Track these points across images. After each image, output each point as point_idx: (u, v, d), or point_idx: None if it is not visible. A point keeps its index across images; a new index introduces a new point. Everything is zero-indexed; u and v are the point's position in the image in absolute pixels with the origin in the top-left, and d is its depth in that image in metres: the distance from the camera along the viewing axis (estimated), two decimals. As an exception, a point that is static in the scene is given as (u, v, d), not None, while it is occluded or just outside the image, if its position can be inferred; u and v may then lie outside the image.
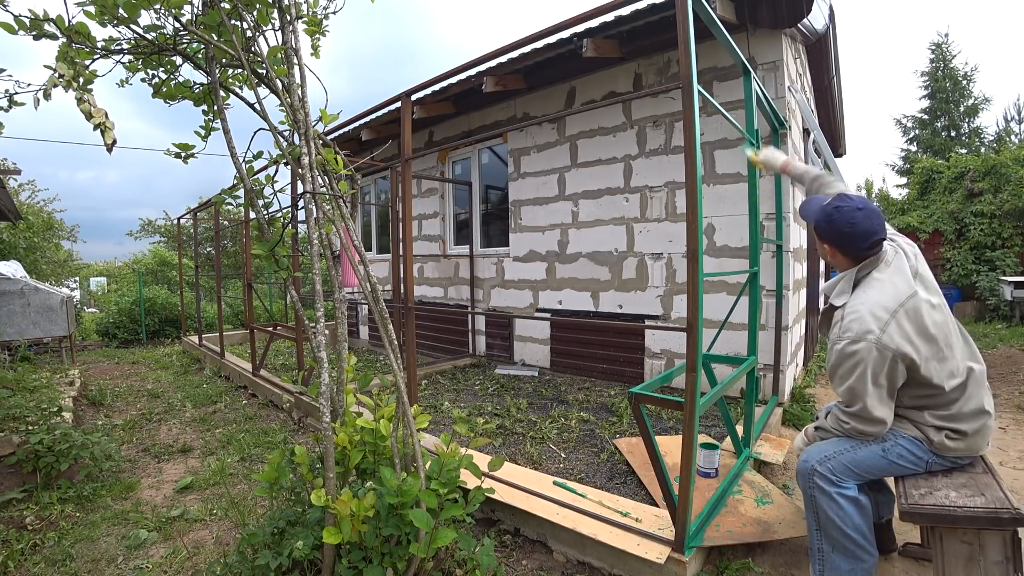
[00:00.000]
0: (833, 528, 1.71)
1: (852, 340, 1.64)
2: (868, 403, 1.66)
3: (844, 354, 1.66)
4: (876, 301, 1.67)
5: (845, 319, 1.70)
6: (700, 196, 1.77)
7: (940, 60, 18.13)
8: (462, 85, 4.82)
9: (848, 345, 1.65)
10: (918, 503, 1.58)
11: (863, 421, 1.70)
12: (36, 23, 1.44)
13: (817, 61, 5.39)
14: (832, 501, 1.70)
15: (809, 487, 1.76)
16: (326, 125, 1.84)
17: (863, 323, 1.64)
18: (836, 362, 1.70)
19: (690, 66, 1.71)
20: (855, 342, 1.64)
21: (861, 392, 1.65)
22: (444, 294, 6.57)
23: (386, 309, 1.80)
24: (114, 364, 7.25)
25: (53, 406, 3.46)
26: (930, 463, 1.72)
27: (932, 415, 1.69)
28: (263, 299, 10.80)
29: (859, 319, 1.65)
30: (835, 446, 1.78)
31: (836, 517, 1.69)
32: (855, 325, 1.65)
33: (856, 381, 1.65)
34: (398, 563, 1.63)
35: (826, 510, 1.72)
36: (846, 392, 1.69)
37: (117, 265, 16.35)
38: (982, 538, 1.51)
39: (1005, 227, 8.75)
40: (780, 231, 3.38)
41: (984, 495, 1.55)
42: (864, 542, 1.69)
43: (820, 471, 1.73)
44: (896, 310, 1.65)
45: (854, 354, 1.64)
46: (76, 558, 2.27)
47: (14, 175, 8.70)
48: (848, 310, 1.72)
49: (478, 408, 4.02)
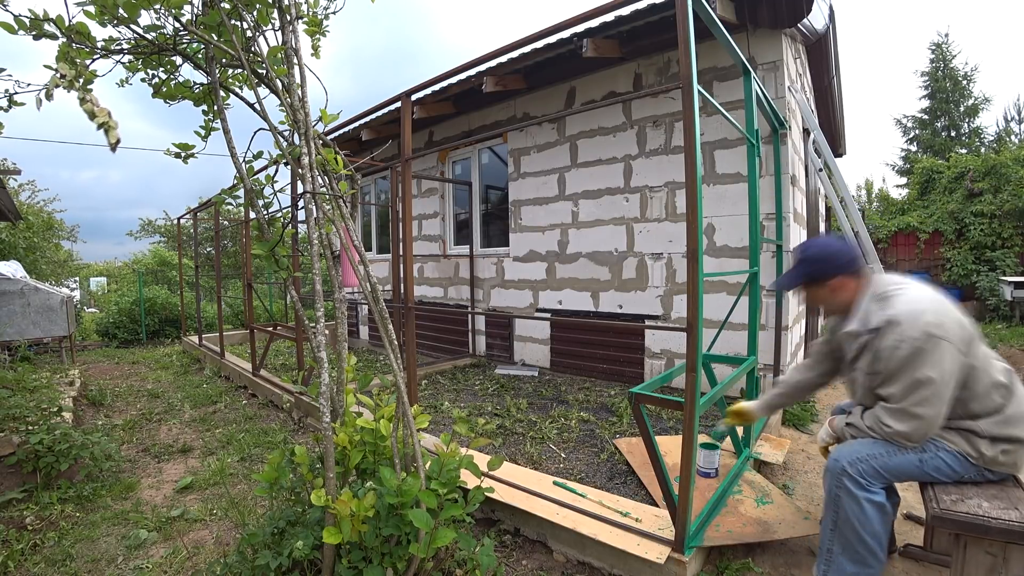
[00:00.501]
0: (850, 531, 1.67)
1: (924, 336, 1.55)
2: (935, 409, 1.57)
3: (911, 354, 1.57)
4: (921, 300, 1.63)
5: (902, 324, 1.60)
6: (700, 196, 1.77)
7: (940, 60, 18.13)
8: (462, 85, 4.82)
9: (921, 342, 1.56)
10: (950, 509, 1.57)
11: (915, 424, 1.60)
12: (36, 23, 1.44)
13: (817, 61, 5.39)
14: (857, 504, 1.66)
15: (836, 487, 1.71)
16: (326, 125, 1.84)
17: (925, 317, 1.58)
18: (904, 361, 1.58)
19: (690, 66, 1.72)
20: (929, 338, 1.55)
21: (930, 395, 1.56)
22: (444, 294, 6.57)
23: (386, 309, 1.80)
24: (114, 364, 7.25)
25: (53, 406, 3.46)
26: (964, 476, 1.68)
27: (989, 423, 1.63)
28: (263, 299, 10.80)
29: (918, 313, 1.59)
30: (869, 448, 1.70)
31: (856, 520, 1.66)
32: (918, 321, 1.58)
33: (925, 381, 1.56)
34: (398, 563, 1.63)
35: (847, 512, 1.68)
36: (905, 392, 1.59)
37: (117, 265, 16.35)
38: (1007, 551, 1.52)
39: (1005, 227, 8.75)
40: (780, 231, 3.39)
41: (1018, 509, 1.55)
42: (878, 549, 1.66)
43: (851, 473, 1.67)
44: (940, 307, 1.62)
45: (928, 351, 1.55)
46: (76, 558, 2.27)
47: (14, 175, 8.70)
48: (898, 314, 1.62)
49: (478, 408, 4.02)
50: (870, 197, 15.75)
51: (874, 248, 4.52)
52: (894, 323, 1.62)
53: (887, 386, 1.65)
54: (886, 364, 1.65)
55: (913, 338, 1.58)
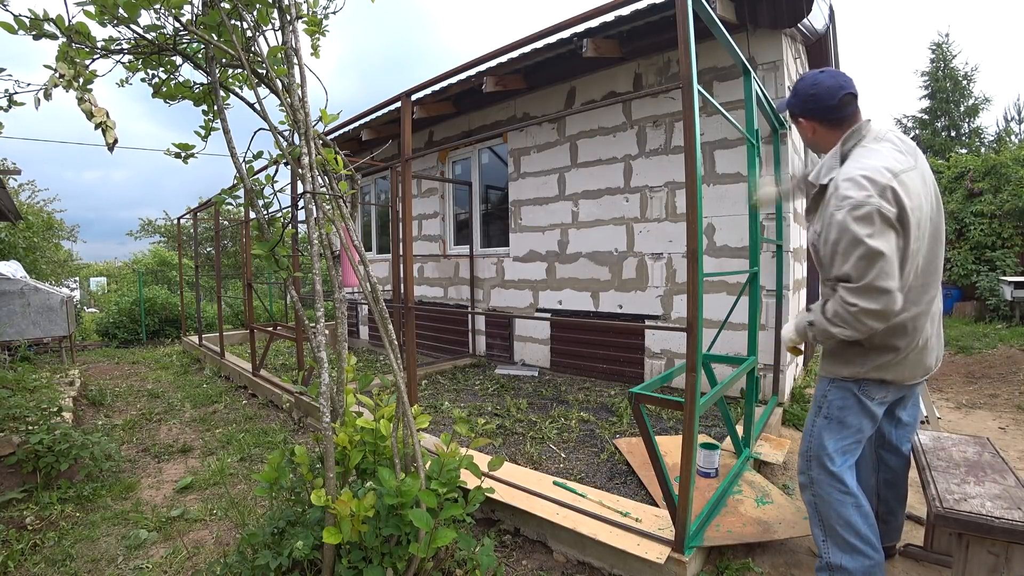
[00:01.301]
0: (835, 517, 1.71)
1: (853, 207, 1.45)
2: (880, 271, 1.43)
3: (844, 225, 1.46)
4: (873, 165, 1.50)
5: (840, 189, 1.51)
6: (700, 196, 1.77)
7: (940, 60, 18.12)
8: (462, 85, 4.82)
9: (850, 213, 1.46)
10: (954, 508, 1.58)
11: (872, 296, 1.45)
12: (36, 23, 1.44)
13: (817, 61, 5.39)
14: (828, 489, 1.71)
15: (808, 484, 1.77)
16: (326, 125, 1.84)
17: (861, 187, 1.47)
18: (837, 236, 1.49)
19: (690, 66, 1.71)
20: (857, 207, 1.45)
21: (873, 261, 1.43)
22: (444, 294, 6.57)
23: (386, 309, 1.80)
24: (114, 364, 7.25)
25: (53, 406, 3.46)
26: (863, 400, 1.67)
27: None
28: (263, 299, 10.80)
29: (855, 183, 1.48)
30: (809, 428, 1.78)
31: (836, 509, 1.70)
32: (853, 191, 1.47)
33: (864, 252, 1.44)
34: (398, 563, 1.63)
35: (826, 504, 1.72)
36: (854, 266, 1.46)
37: (117, 265, 16.35)
38: (1010, 551, 1.52)
39: (1005, 227, 8.75)
40: (780, 231, 3.38)
41: (1021, 509, 1.56)
42: (870, 537, 1.69)
43: (817, 463, 1.72)
44: (899, 173, 1.48)
45: (859, 221, 1.44)
46: (76, 558, 2.27)
47: (14, 175, 8.70)
48: (841, 178, 1.53)
49: (478, 408, 4.02)
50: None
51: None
52: (842, 185, 1.52)
53: (838, 263, 1.52)
54: (824, 237, 1.56)
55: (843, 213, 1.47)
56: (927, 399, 3.10)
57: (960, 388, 4.84)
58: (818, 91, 1.66)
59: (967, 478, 1.78)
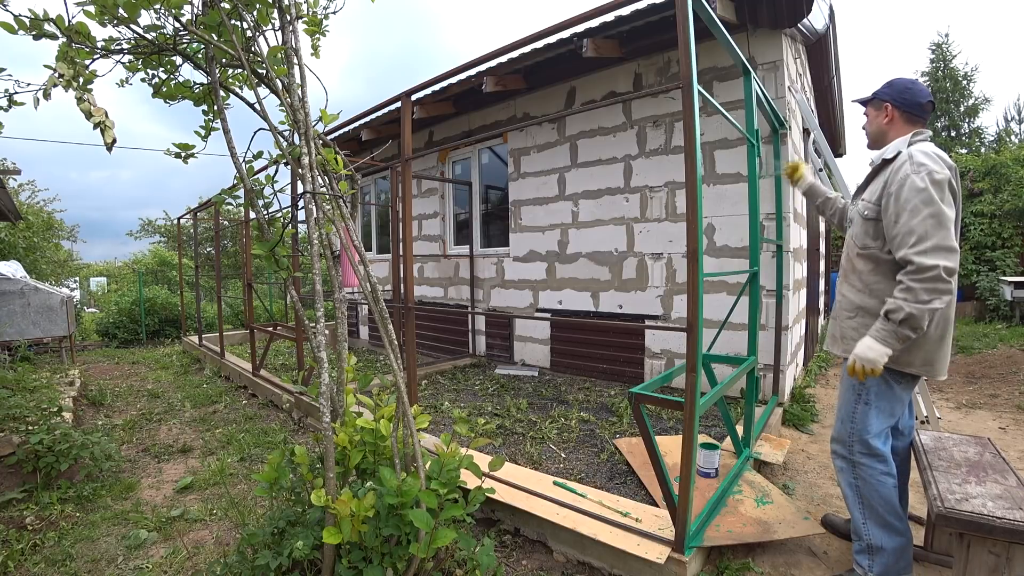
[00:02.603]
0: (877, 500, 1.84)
1: (930, 172, 1.66)
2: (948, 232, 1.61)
3: (919, 187, 1.65)
4: (941, 154, 1.74)
5: (915, 158, 1.71)
6: (700, 196, 1.77)
7: (940, 60, 18.13)
8: (462, 85, 4.82)
9: (928, 176, 1.65)
10: (955, 508, 1.58)
11: (946, 254, 1.60)
12: (36, 23, 1.44)
13: (817, 61, 5.39)
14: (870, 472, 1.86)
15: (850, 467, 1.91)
16: (326, 125, 1.84)
17: (935, 161, 1.69)
18: (909, 195, 1.66)
19: (690, 66, 1.71)
20: (934, 173, 1.65)
21: (941, 221, 1.61)
22: (444, 294, 6.57)
23: (386, 309, 1.80)
24: (114, 364, 7.25)
25: (53, 406, 3.46)
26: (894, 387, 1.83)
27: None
28: (263, 299, 10.80)
29: (930, 158, 1.70)
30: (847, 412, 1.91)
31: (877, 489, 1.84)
32: (929, 162, 1.68)
33: (935, 211, 1.62)
34: (398, 563, 1.63)
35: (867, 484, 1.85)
36: (923, 223, 1.63)
37: (117, 265, 16.36)
38: (1011, 551, 1.53)
39: (1005, 227, 8.75)
40: (780, 231, 3.38)
41: (1023, 509, 1.56)
42: (896, 520, 1.84)
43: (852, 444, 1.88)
44: (953, 168, 1.73)
45: (936, 184, 1.64)
46: (76, 558, 2.27)
47: (14, 175, 8.70)
48: (917, 151, 1.74)
49: (478, 408, 4.02)
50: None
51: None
52: (917, 156, 1.72)
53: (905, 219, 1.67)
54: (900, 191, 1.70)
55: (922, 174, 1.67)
56: (927, 399, 3.10)
57: (960, 388, 4.84)
58: (916, 88, 1.91)
59: (968, 478, 1.78)
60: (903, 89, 1.92)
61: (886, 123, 1.94)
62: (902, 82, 1.95)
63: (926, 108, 1.89)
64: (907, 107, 1.89)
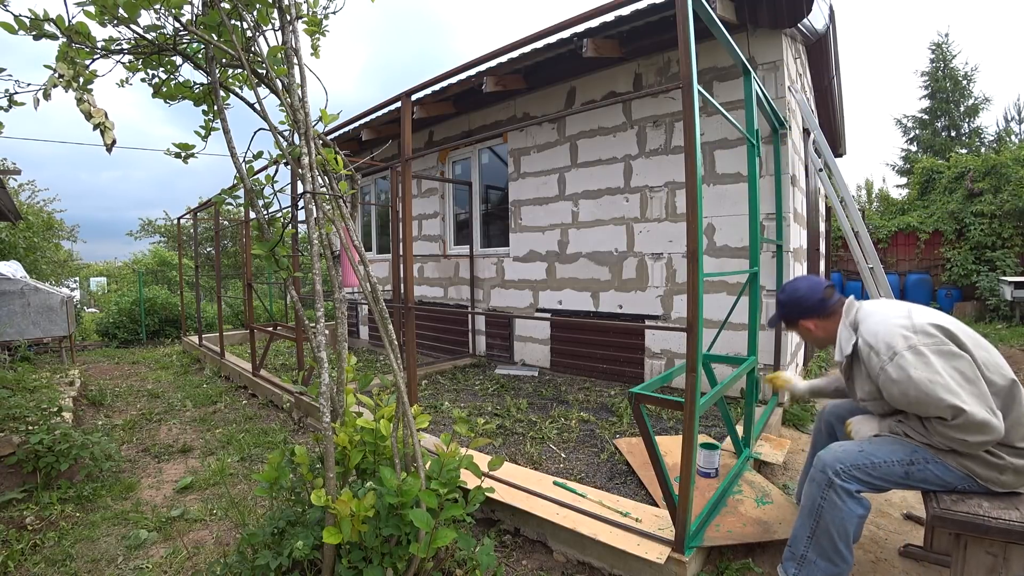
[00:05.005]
0: (827, 540, 1.66)
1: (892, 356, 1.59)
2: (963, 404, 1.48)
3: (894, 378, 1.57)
4: (884, 319, 1.68)
5: (872, 347, 1.66)
6: (700, 196, 1.77)
7: (940, 60, 18.14)
8: (462, 85, 4.82)
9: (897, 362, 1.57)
10: (951, 509, 1.58)
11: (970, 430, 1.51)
12: (36, 23, 1.44)
13: (817, 61, 5.39)
14: (840, 515, 1.64)
15: (821, 497, 1.68)
16: (326, 125, 1.84)
17: (891, 337, 1.62)
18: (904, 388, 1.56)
19: (690, 66, 1.71)
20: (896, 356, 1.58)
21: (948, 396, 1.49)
22: (444, 294, 6.57)
23: (386, 309, 1.80)
24: (114, 364, 7.25)
25: (53, 406, 3.46)
26: (956, 487, 1.64)
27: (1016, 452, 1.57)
28: (263, 299, 10.80)
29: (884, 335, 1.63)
30: (854, 457, 1.68)
31: (836, 531, 1.65)
32: (883, 345, 1.62)
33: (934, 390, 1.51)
34: (398, 563, 1.63)
35: (828, 521, 1.65)
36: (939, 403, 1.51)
37: (117, 265, 16.35)
38: (1008, 551, 1.52)
39: (1005, 227, 8.75)
40: (780, 231, 3.38)
41: (1018, 509, 1.55)
42: (848, 554, 1.66)
43: (839, 483, 1.64)
44: (910, 313, 1.67)
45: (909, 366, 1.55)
46: (76, 558, 2.27)
47: (14, 175, 8.70)
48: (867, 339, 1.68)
49: (478, 408, 4.02)
50: (870, 197, 15.76)
51: (874, 248, 4.51)
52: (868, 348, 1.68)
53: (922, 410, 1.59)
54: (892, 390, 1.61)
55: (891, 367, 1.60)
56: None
57: (960, 388, 4.83)
58: (804, 290, 1.91)
59: (966, 478, 1.77)
60: (797, 301, 1.91)
61: (818, 331, 1.92)
62: (785, 298, 1.95)
63: (828, 293, 1.87)
64: (816, 310, 1.89)
